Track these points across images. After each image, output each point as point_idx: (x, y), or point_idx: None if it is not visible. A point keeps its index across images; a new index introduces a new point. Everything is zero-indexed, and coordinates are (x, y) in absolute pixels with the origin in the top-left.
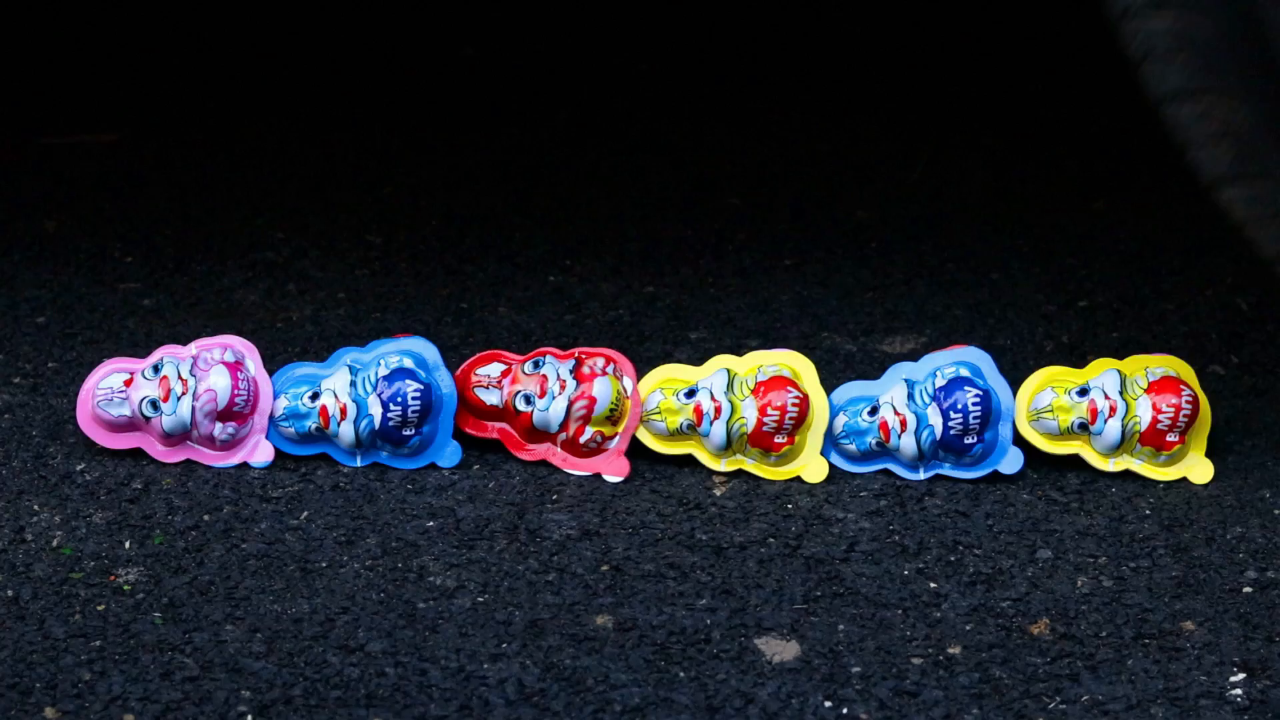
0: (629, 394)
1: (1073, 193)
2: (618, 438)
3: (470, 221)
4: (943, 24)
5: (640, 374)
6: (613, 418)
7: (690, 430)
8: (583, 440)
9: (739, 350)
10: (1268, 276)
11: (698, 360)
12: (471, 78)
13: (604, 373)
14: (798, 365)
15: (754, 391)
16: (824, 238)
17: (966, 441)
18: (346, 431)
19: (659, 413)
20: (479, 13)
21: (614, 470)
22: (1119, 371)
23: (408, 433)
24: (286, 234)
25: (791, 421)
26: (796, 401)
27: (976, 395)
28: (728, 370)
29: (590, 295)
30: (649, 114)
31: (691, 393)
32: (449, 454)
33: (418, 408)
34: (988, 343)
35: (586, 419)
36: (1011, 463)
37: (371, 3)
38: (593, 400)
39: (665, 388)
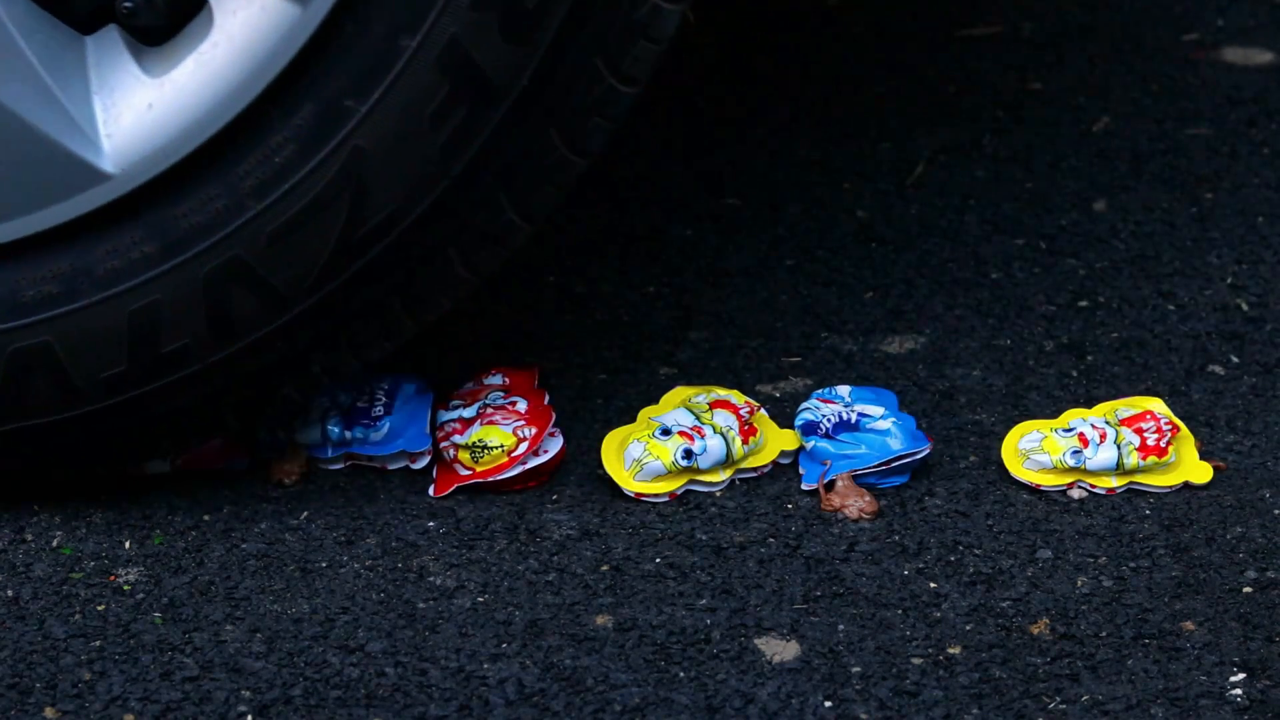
0: None
1: (1073, 193)
2: None
3: None
4: (944, 23)
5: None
6: None
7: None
8: None
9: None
10: (1269, 276)
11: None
12: None
13: None
14: None
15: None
16: (824, 238)
17: None
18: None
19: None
20: None
21: None
22: (1093, 416)
23: (378, 412)
24: None
25: None
26: None
27: None
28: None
29: (591, 295)
30: (651, 113)
31: (666, 431)
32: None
33: (385, 386)
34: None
35: None
36: None
37: None
38: None
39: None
